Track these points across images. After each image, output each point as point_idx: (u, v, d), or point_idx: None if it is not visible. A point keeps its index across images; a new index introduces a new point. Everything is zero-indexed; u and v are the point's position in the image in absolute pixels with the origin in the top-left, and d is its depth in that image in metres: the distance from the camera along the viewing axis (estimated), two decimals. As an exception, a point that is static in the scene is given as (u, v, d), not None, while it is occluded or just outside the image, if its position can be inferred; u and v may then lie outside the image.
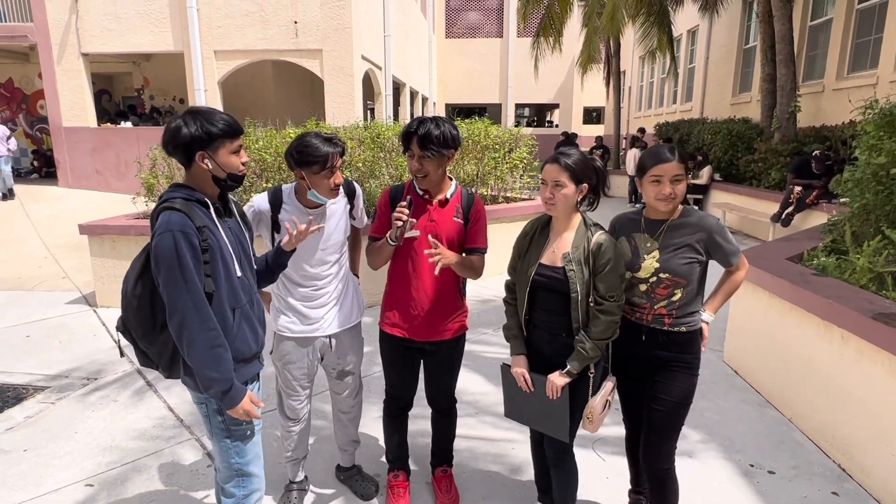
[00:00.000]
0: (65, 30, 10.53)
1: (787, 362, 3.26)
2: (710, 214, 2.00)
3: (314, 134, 2.09)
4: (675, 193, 1.90)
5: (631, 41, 18.08)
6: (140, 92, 14.27)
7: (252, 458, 1.85)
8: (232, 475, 1.85)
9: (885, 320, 2.46)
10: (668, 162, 1.89)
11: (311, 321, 2.29)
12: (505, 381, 2.15)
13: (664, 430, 2.04)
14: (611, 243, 1.91)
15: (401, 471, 2.54)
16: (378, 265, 2.25)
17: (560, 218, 1.97)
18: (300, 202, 2.19)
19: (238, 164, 1.71)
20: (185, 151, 1.64)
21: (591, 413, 2.00)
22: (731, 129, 10.28)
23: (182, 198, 1.64)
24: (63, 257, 7.19)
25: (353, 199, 2.36)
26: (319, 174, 2.06)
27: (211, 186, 1.72)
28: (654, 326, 2.00)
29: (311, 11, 10.19)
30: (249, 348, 1.80)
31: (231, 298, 1.73)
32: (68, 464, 2.83)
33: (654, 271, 1.96)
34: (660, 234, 1.98)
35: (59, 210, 9.63)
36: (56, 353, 4.27)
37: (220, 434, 1.80)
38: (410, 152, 2.10)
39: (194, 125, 1.62)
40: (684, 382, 2.00)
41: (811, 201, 6.95)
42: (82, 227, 5.36)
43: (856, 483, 2.63)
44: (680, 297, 1.96)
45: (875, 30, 8.19)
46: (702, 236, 1.94)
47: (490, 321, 4.90)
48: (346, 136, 5.69)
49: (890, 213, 3.84)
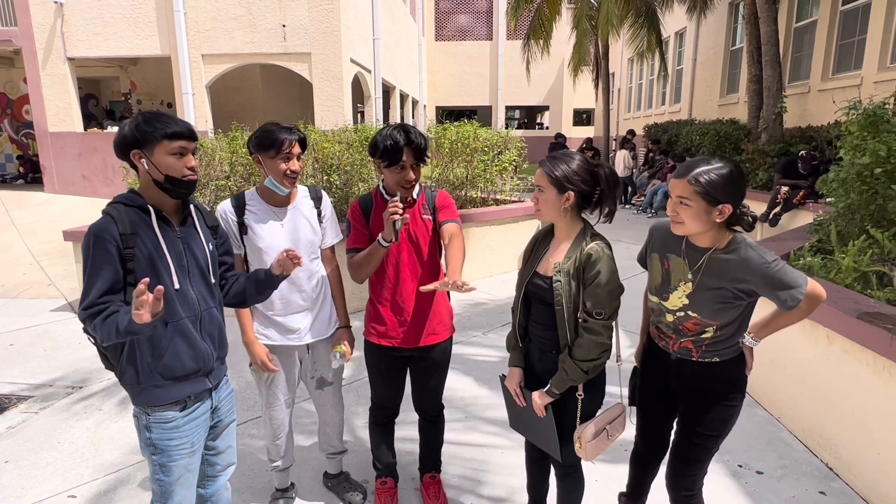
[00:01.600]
0: (50, 34, 10.42)
1: (774, 363, 3.27)
2: (759, 253, 1.65)
3: (275, 123, 2.17)
4: (679, 216, 1.68)
5: (620, 43, 18.20)
6: (127, 96, 14.14)
7: (177, 479, 1.76)
8: (156, 490, 1.79)
9: (869, 319, 2.48)
10: (678, 178, 1.67)
11: (287, 331, 2.28)
12: (504, 392, 2.11)
13: (691, 461, 1.88)
14: (602, 255, 1.75)
15: (389, 477, 2.53)
16: (364, 276, 2.20)
17: (559, 226, 1.88)
18: (264, 200, 2.21)
19: (179, 167, 1.63)
20: (122, 150, 1.64)
21: (580, 439, 1.86)
22: (718, 131, 10.35)
23: (123, 202, 1.64)
24: (48, 264, 7.10)
25: (320, 204, 2.34)
26: (275, 158, 2.10)
27: (156, 192, 1.66)
28: (682, 357, 1.83)
29: (300, 15, 10.16)
30: (182, 365, 1.69)
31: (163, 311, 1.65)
32: (50, 475, 2.78)
33: (681, 307, 1.76)
34: (700, 269, 1.72)
35: (44, 216, 9.52)
36: (40, 361, 4.21)
37: (146, 450, 1.75)
38: (402, 164, 2.07)
39: (133, 124, 1.62)
40: (719, 413, 1.80)
41: (798, 201, 6.99)
42: (67, 232, 5.30)
43: (843, 482, 2.64)
44: (711, 335, 1.76)
45: (859, 31, 8.28)
46: (744, 284, 1.66)
47: (479, 324, 4.89)
48: (334, 139, 5.67)
49: (874, 213, 3.88)
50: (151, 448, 1.74)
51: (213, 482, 1.98)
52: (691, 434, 1.87)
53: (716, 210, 1.63)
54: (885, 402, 2.41)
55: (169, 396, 1.71)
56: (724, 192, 1.62)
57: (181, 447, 1.74)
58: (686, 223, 1.68)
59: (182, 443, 1.74)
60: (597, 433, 1.86)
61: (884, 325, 2.39)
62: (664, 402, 1.96)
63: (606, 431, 1.90)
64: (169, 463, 1.74)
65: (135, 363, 1.67)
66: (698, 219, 1.66)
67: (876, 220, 3.83)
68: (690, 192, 1.63)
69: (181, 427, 1.73)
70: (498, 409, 3.37)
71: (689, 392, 1.87)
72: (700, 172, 1.63)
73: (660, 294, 1.84)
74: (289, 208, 2.25)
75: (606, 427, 1.91)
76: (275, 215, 2.21)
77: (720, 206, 1.63)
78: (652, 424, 2.05)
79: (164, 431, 1.72)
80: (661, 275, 1.84)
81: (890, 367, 2.35)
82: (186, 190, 1.69)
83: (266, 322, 2.27)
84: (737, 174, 1.64)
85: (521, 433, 2.16)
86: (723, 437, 1.85)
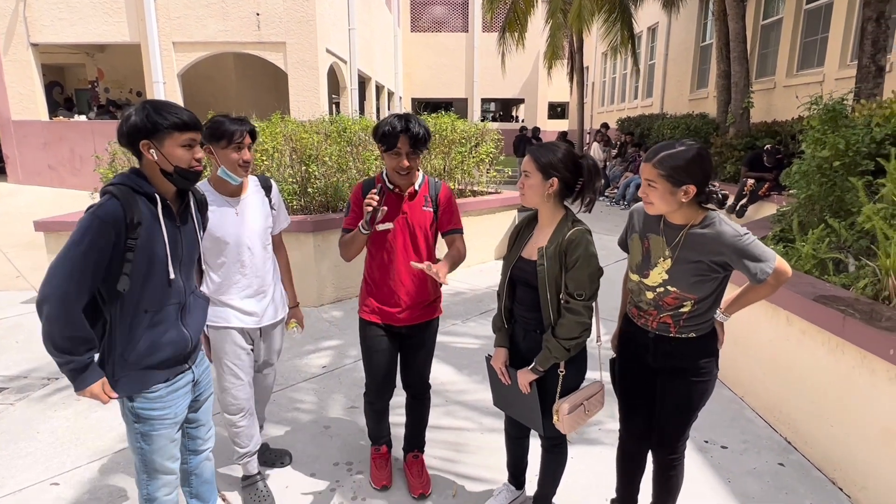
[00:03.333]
0: (11, 19, 10.06)
1: (738, 344, 3.44)
2: (732, 227, 1.77)
3: (224, 114, 2.25)
4: (648, 197, 1.80)
5: (594, 37, 18.42)
6: (94, 84, 13.74)
7: (159, 449, 1.79)
8: (138, 461, 1.81)
9: (824, 302, 2.64)
10: (645, 162, 1.79)
11: (246, 314, 2.34)
12: (489, 372, 2.21)
13: (673, 432, 2.01)
14: (583, 240, 1.86)
15: (383, 444, 2.67)
16: (351, 255, 2.32)
17: (543, 212, 1.98)
18: (217, 190, 2.26)
19: (188, 159, 1.66)
20: (130, 140, 1.63)
21: (557, 412, 1.96)
22: (689, 125, 10.62)
23: (131, 187, 1.62)
24: (16, 256, 6.92)
25: (270, 193, 2.44)
26: (227, 148, 2.17)
27: (162, 181, 1.68)
28: (660, 333, 1.92)
29: (274, 3, 10.02)
30: (158, 355, 1.72)
31: (150, 300, 1.68)
32: (31, 464, 2.77)
33: (661, 282, 1.86)
34: (677, 244, 1.82)
35: (10, 207, 9.23)
36: (13, 353, 4.14)
37: (128, 417, 1.77)
38: (396, 150, 2.16)
39: (143, 114, 1.61)
40: (695, 388, 1.91)
41: (763, 193, 7.26)
42: (38, 223, 5.19)
43: (800, 454, 2.82)
44: (689, 309, 1.85)
45: (821, 29, 8.60)
46: (719, 257, 1.77)
47: (460, 312, 4.98)
48: (311, 130, 5.66)
49: (833, 204, 4.08)
50: (134, 416, 1.75)
51: (195, 456, 2.02)
52: (671, 409, 1.99)
53: (680, 191, 1.74)
54: (837, 378, 2.58)
55: (152, 381, 1.74)
56: (687, 174, 1.73)
57: (164, 417, 1.78)
58: (655, 203, 1.80)
59: (165, 413, 1.78)
60: (573, 407, 1.97)
61: (837, 307, 2.55)
62: (643, 381, 2.05)
63: (584, 406, 2.01)
64: (151, 432, 1.77)
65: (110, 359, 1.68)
66: (665, 199, 1.77)
67: (834, 211, 4.04)
68: (655, 174, 1.76)
69: (164, 397, 1.77)
70: (476, 394, 3.48)
71: (665, 370, 1.96)
72: (664, 157, 1.74)
73: (640, 272, 1.93)
74: (242, 197, 2.31)
75: (584, 402, 2.01)
76: (228, 204, 2.27)
77: (684, 187, 1.74)
78: (634, 409, 2.12)
79: (147, 402, 1.74)
80: (642, 253, 1.94)
81: (843, 346, 2.52)
82: (193, 180, 1.73)
83: (220, 305, 2.31)
84: (699, 156, 1.74)
85: (505, 410, 2.27)
86: (700, 408, 1.98)
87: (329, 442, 2.97)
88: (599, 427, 3.06)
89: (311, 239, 5.02)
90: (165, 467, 1.84)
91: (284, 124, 5.62)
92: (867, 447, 2.41)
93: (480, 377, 3.69)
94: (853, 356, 2.47)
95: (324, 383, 3.66)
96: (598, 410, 2.10)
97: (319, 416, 3.25)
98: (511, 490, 2.44)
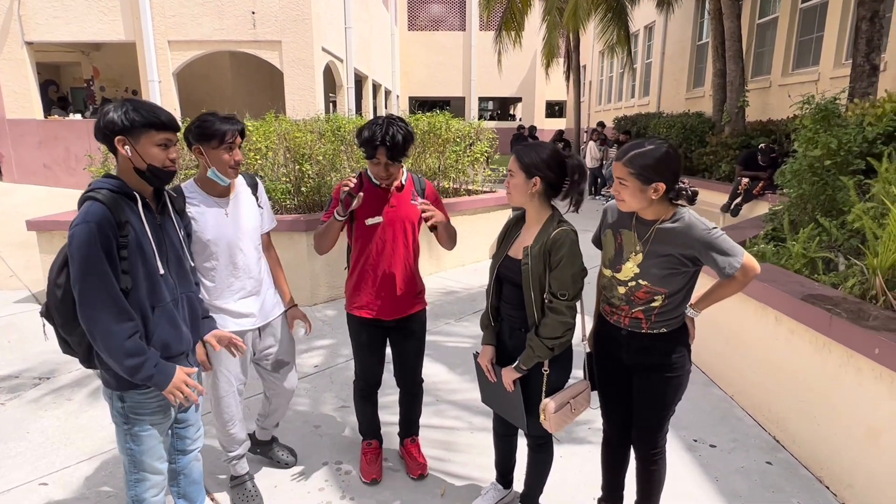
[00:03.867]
0: (6, 17, 10.02)
1: (729, 343, 3.45)
2: (702, 221, 1.81)
3: (214, 113, 2.18)
4: (620, 194, 1.83)
5: (591, 36, 18.41)
6: (90, 83, 13.71)
7: (148, 449, 1.80)
8: (125, 460, 1.82)
9: (812, 301, 2.65)
10: (616, 161, 1.83)
11: (240, 315, 2.32)
12: (477, 369, 2.23)
13: (650, 427, 2.03)
14: (567, 239, 1.88)
15: (374, 439, 2.71)
16: (325, 247, 2.35)
17: (529, 211, 2.00)
18: (204, 191, 2.23)
19: (162, 158, 1.67)
20: (106, 136, 1.63)
21: (544, 411, 1.97)
22: (685, 123, 10.62)
23: (109, 189, 1.63)
24: (9, 255, 6.90)
25: (256, 191, 2.42)
26: (218, 149, 2.12)
27: (137, 180, 1.69)
28: (632, 330, 1.94)
29: (270, 2, 10.00)
30: (170, 348, 1.75)
31: (151, 296, 1.70)
32: (20, 463, 2.77)
33: (633, 276, 1.88)
34: (648, 239, 1.85)
35: (4, 206, 9.21)
36: (6, 353, 4.13)
37: (118, 418, 1.77)
38: (376, 160, 2.20)
39: (120, 110, 1.62)
40: (668, 384, 1.94)
41: (757, 192, 7.27)
42: (30, 222, 5.17)
43: (788, 453, 2.83)
44: (660, 304, 1.87)
45: (816, 28, 8.61)
46: (688, 250, 1.80)
47: (452, 312, 4.98)
48: (306, 128, 5.65)
49: (824, 203, 4.09)
50: (124, 417, 1.76)
51: (183, 456, 2.02)
52: (647, 404, 2.01)
53: (650, 188, 1.77)
54: (824, 377, 2.59)
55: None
56: (655, 172, 1.75)
57: (154, 414, 1.78)
58: (626, 201, 1.83)
59: (155, 410, 1.78)
60: (560, 406, 1.98)
61: (824, 307, 2.56)
62: (619, 378, 2.07)
63: (570, 405, 2.02)
64: (140, 432, 1.77)
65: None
66: (636, 197, 1.80)
67: (826, 210, 4.05)
68: (626, 173, 1.79)
69: (156, 395, 1.76)
70: (467, 393, 3.48)
71: (639, 367, 1.98)
72: (633, 155, 1.78)
73: (613, 266, 1.96)
74: (231, 197, 2.28)
75: (570, 401, 2.02)
76: (217, 205, 2.23)
77: (654, 185, 1.77)
78: (613, 403, 2.15)
79: (138, 401, 1.75)
80: (615, 248, 1.96)
81: (829, 345, 2.53)
82: (165, 180, 1.73)
83: (216, 310, 2.28)
84: (666, 155, 1.76)
85: (492, 408, 2.28)
86: (676, 402, 2.00)
87: (319, 441, 2.98)
88: (588, 426, 3.07)
89: (305, 238, 5.02)
90: (154, 468, 1.85)
91: (278, 123, 5.61)
92: (853, 445, 2.41)
93: (472, 376, 3.70)
94: (840, 355, 2.47)
95: (315, 382, 3.67)
96: (585, 409, 2.11)
97: (310, 415, 3.26)
98: (499, 489, 2.45)
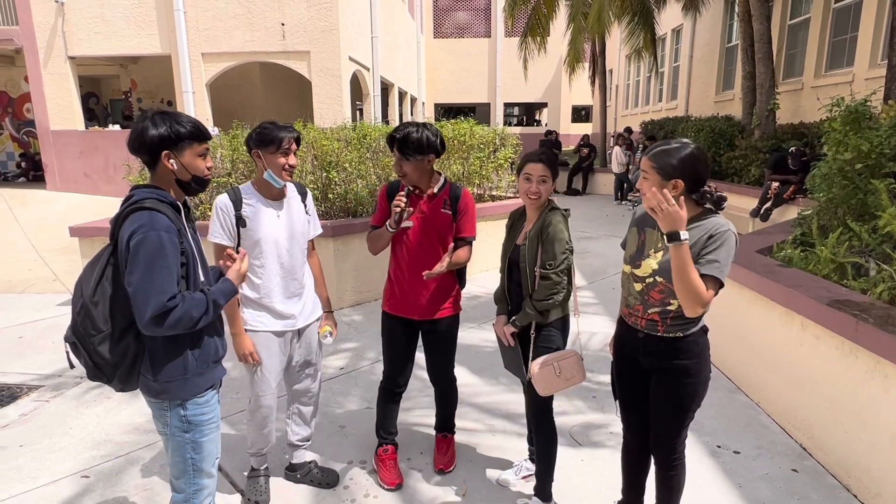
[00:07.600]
0: (51, 33, 10.54)
1: (755, 349, 3.41)
2: (726, 221, 1.82)
3: (272, 121, 2.36)
4: (642, 188, 1.89)
5: (618, 40, 18.28)
6: (128, 95, 14.26)
7: (207, 455, 1.84)
8: (185, 470, 1.83)
9: (838, 306, 2.61)
10: (644, 156, 1.89)
11: (282, 316, 2.41)
12: (497, 338, 2.47)
13: (668, 432, 2.02)
14: (554, 221, 2.21)
15: (390, 445, 2.77)
16: (378, 250, 2.52)
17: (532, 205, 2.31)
18: (260, 193, 2.37)
19: (203, 168, 1.76)
20: (152, 150, 1.67)
21: (531, 369, 2.23)
22: (713, 127, 10.44)
23: (155, 199, 1.66)
24: (53, 260, 7.24)
25: (305, 199, 2.55)
26: (276, 153, 2.27)
27: (175, 189, 1.74)
28: (649, 332, 1.95)
29: (298, 13, 10.27)
30: (216, 351, 1.84)
31: None
32: (64, 458, 2.93)
33: (651, 272, 1.90)
34: None
35: (47, 213, 9.65)
36: (49, 353, 4.35)
37: (178, 429, 1.78)
38: (394, 154, 2.40)
39: (163, 125, 1.65)
40: (685, 391, 1.94)
41: (788, 196, 7.12)
42: (73, 228, 5.43)
43: (815, 460, 2.79)
44: (676, 307, 1.87)
45: (850, 28, 8.40)
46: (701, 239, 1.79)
47: (476, 316, 5.03)
48: (333, 136, 5.79)
49: (855, 207, 4.01)
50: (186, 425, 1.78)
51: None
52: (664, 409, 2.01)
53: (669, 184, 1.81)
54: (851, 383, 2.55)
55: (206, 383, 1.81)
56: (675, 169, 1.79)
57: (212, 421, 1.84)
58: (647, 194, 1.84)
59: (212, 417, 1.85)
60: (544, 365, 2.22)
61: (850, 312, 2.53)
62: (637, 382, 2.08)
63: (554, 367, 2.23)
64: (201, 439, 1.82)
65: (174, 358, 1.73)
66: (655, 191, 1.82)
67: (857, 214, 3.96)
68: (648, 166, 1.85)
69: (211, 402, 1.84)
70: (490, 396, 3.52)
71: (657, 370, 1.99)
72: (658, 151, 1.84)
73: (633, 262, 1.99)
74: (283, 201, 2.42)
75: (553, 363, 2.23)
76: (271, 206, 2.37)
77: (673, 181, 1.80)
78: (631, 408, 2.16)
79: (198, 407, 1.79)
80: (637, 245, 2.01)
81: (856, 351, 2.50)
82: (205, 188, 1.83)
83: (260, 308, 2.39)
84: (690, 155, 1.80)
85: (508, 370, 2.51)
86: (693, 409, 1.98)
87: (344, 441, 3.06)
88: (608, 430, 3.08)
89: (331, 243, 5.14)
90: (210, 473, 1.89)
91: (306, 131, 5.77)
92: (881, 453, 2.37)
93: (495, 380, 3.74)
94: (866, 361, 2.44)
95: (341, 384, 3.76)
96: (577, 379, 2.29)
97: (335, 415, 3.34)
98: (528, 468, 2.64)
